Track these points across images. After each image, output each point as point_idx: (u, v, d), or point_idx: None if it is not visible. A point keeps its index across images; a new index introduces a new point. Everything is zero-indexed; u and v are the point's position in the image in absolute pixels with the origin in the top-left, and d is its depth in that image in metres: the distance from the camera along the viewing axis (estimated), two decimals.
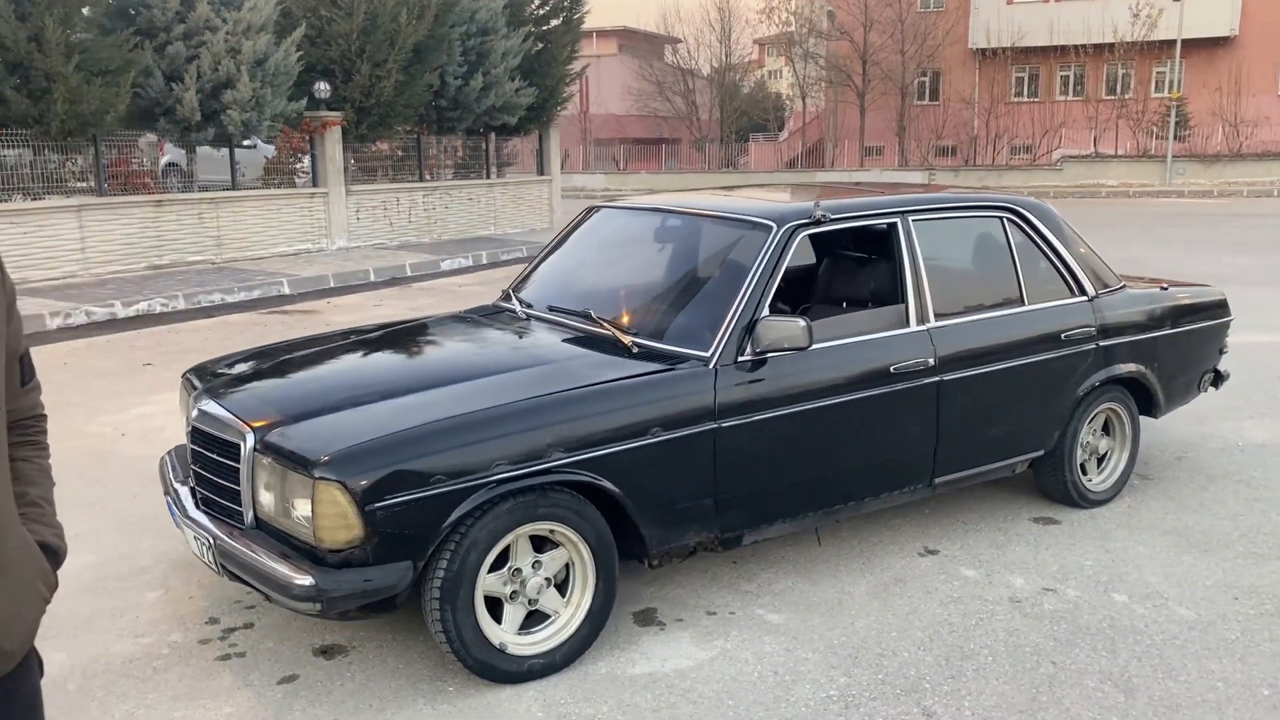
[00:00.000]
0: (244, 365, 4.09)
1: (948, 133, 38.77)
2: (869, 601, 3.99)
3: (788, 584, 4.15)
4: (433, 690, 3.35)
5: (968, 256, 4.71)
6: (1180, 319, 5.16)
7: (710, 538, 3.81)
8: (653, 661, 3.53)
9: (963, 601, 3.99)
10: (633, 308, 4.20)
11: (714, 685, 3.37)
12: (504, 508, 3.24)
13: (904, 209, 4.34)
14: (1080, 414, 4.78)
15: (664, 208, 4.56)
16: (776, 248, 3.95)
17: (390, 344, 4.20)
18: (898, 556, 4.41)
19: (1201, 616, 3.86)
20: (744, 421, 3.72)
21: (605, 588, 3.49)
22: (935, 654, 3.58)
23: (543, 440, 3.31)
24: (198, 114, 13.20)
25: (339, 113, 15.52)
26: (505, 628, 3.36)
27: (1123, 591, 4.07)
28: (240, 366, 4.08)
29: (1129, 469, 5.10)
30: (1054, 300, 4.70)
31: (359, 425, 3.26)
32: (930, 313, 4.27)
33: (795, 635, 3.72)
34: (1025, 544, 4.54)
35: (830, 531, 4.64)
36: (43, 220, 11.98)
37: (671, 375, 3.64)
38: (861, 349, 4.07)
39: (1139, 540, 4.58)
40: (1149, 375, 5.00)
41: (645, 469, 3.51)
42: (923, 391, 4.18)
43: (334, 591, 3.05)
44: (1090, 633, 3.73)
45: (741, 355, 3.76)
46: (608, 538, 3.47)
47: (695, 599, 4.01)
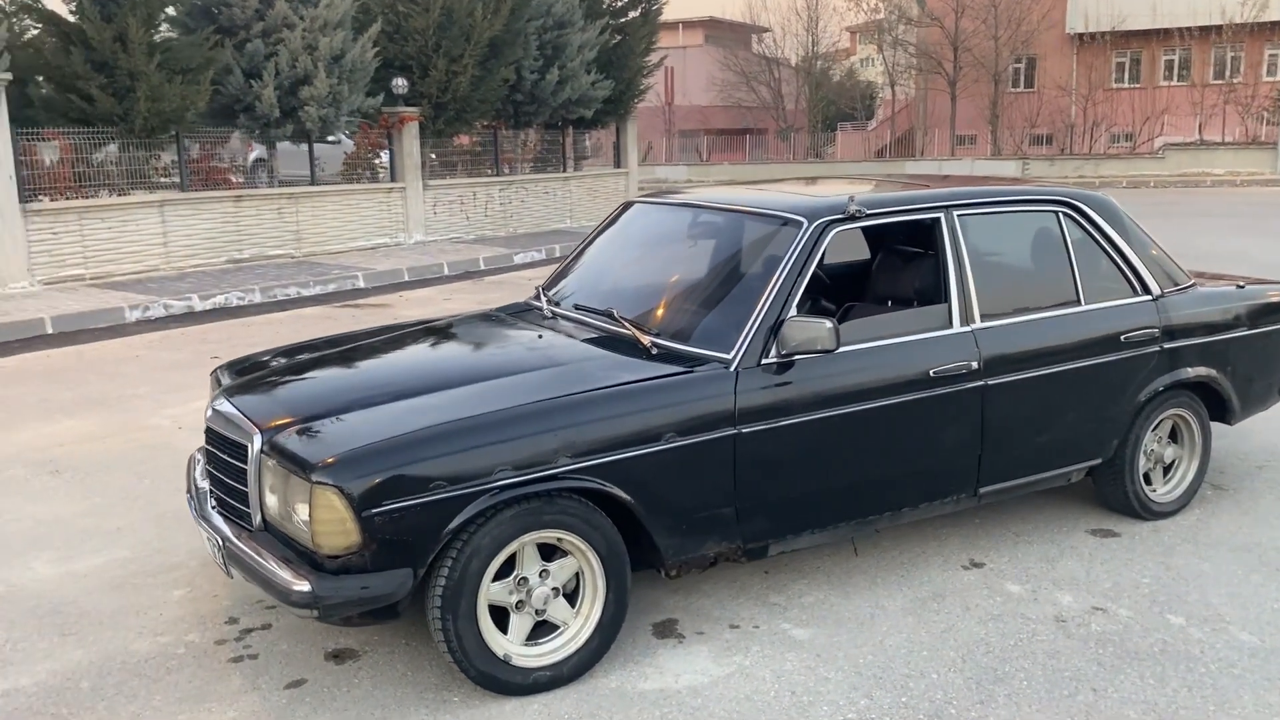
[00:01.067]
0: (269, 363, 4.06)
1: (1042, 121, 37.62)
2: (903, 618, 3.80)
3: (819, 596, 3.97)
4: (437, 700, 3.27)
5: (1019, 253, 4.46)
6: (1258, 319, 4.83)
7: (732, 548, 3.65)
8: (666, 677, 3.40)
9: (1004, 620, 3.78)
10: (657, 307, 4.05)
11: (726, 704, 3.22)
12: (508, 515, 3.14)
13: (948, 203, 4.12)
14: (1143, 420, 4.50)
15: (696, 203, 4.41)
16: (807, 245, 3.77)
17: (412, 343, 4.13)
18: (940, 569, 4.20)
19: (1265, 643, 3.58)
20: (768, 427, 3.55)
21: (616, 599, 3.37)
22: (967, 676, 3.38)
23: (549, 445, 3.19)
24: (276, 110, 13.41)
25: (416, 108, 15.63)
26: (511, 638, 3.26)
27: (1180, 613, 3.81)
28: (265, 365, 4.05)
29: (1198, 479, 4.79)
30: (1114, 300, 4.42)
31: (362, 428, 3.19)
32: (976, 313, 4.05)
33: (820, 652, 3.55)
34: (1079, 558, 4.29)
35: (870, 542, 4.44)
36: (126, 215, 12.29)
37: (688, 378, 3.49)
38: (897, 351, 3.87)
39: (1204, 557, 4.29)
40: (1221, 379, 4.69)
41: (659, 476, 3.38)
42: (966, 396, 3.96)
43: (331, 598, 2.99)
44: (1139, 657, 3.49)
45: (766, 357, 3.60)
46: (619, 547, 3.35)
47: (720, 610, 3.86)
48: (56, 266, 11.67)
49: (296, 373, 3.85)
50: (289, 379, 3.80)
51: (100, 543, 4.60)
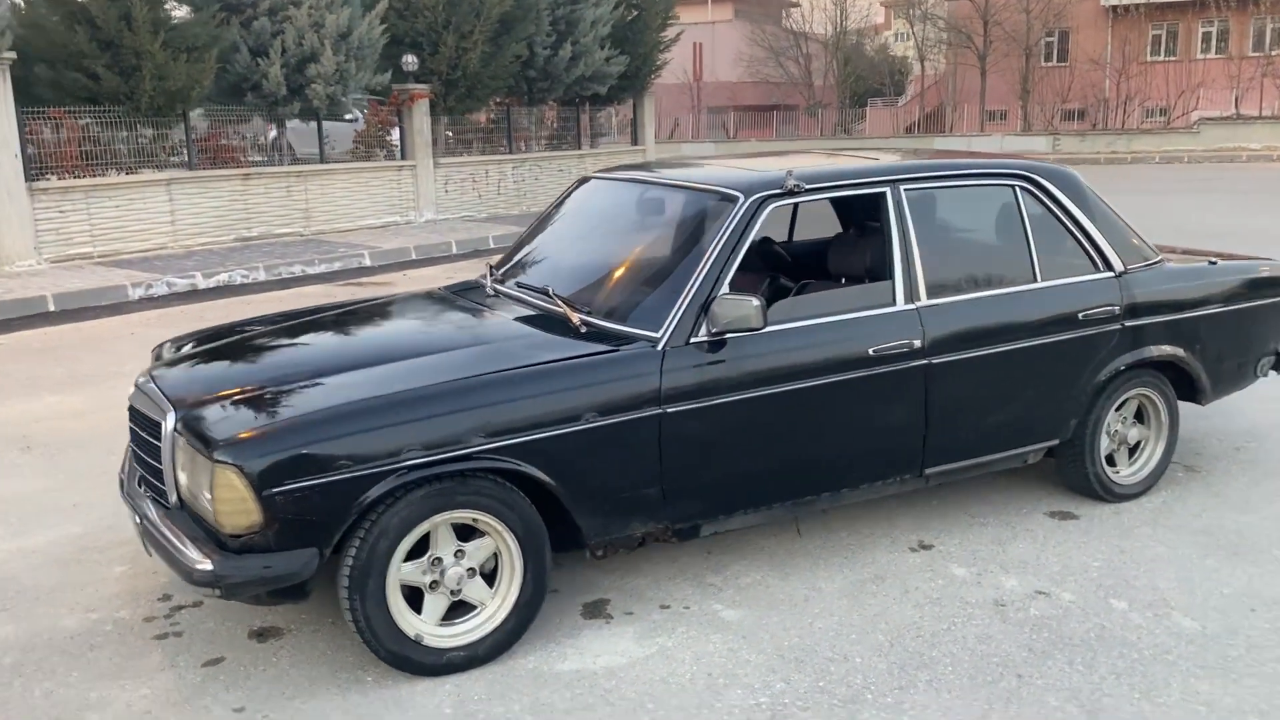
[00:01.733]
0: (204, 342, 4.05)
1: (1074, 95, 36.99)
2: (837, 600, 3.73)
3: (757, 578, 3.92)
4: (350, 680, 3.25)
5: (972, 229, 4.36)
6: (1230, 297, 4.69)
7: (660, 528, 3.60)
8: (585, 658, 3.36)
9: (941, 603, 3.70)
10: (594, 285, 3.99)
11: (639, 686, 3.18)
12: (418, 495, 3.10)
13: (894, 178, 4.02)
14: (1104, 400, 4.39)
15: (643, 179, 4.34)
16: (741, 221, 3.69)
17: (347, 322, 4.09)
18: (887, 551, 4.13)
19: (1206, 629, 3.49)
20: (696, 406, 3.49)
21: (535, 580, 3.33)
22: (891, 661, 3.32)
23: (461, 425, 3.15)
24: (283, 88, 13.43)
25: (426, 85, 15.59)
26: (425, 618, 3.23)
27: (1124, 598, 3.72)
28: (201, 343, 4.04)
29: (1165, 460, 4.67)
30: (1074, 277, 4.30)
31: (270, 408, 3.17)
32: (921, 291, 3.95)
33: (746, 634, 3.49)
34: (1031, 541, 4.20)
35: (820, 522, 4.38)
36: (133, 193, 12.36)
37: (610, 358, 3.44)
38: (834, 329, 3.79)
39: (1162, 540, 4.19)
40: (1188, 358, 4.56)
41: (580, 456, 3.33)
42: (908, 375, 3.87)
43: (233, 577, 2.97)
44: (1072, 643, 3.41)
45: (696, 336, 3.53)
46: (538, 527, 3.30)
47: (654, 591, 3.81)
48: (64, 245, 11.77)
49: (226, 351, 3.84)
50: (216, 357, 3.78)
51: (56, 519, 4.62)
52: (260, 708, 3.11)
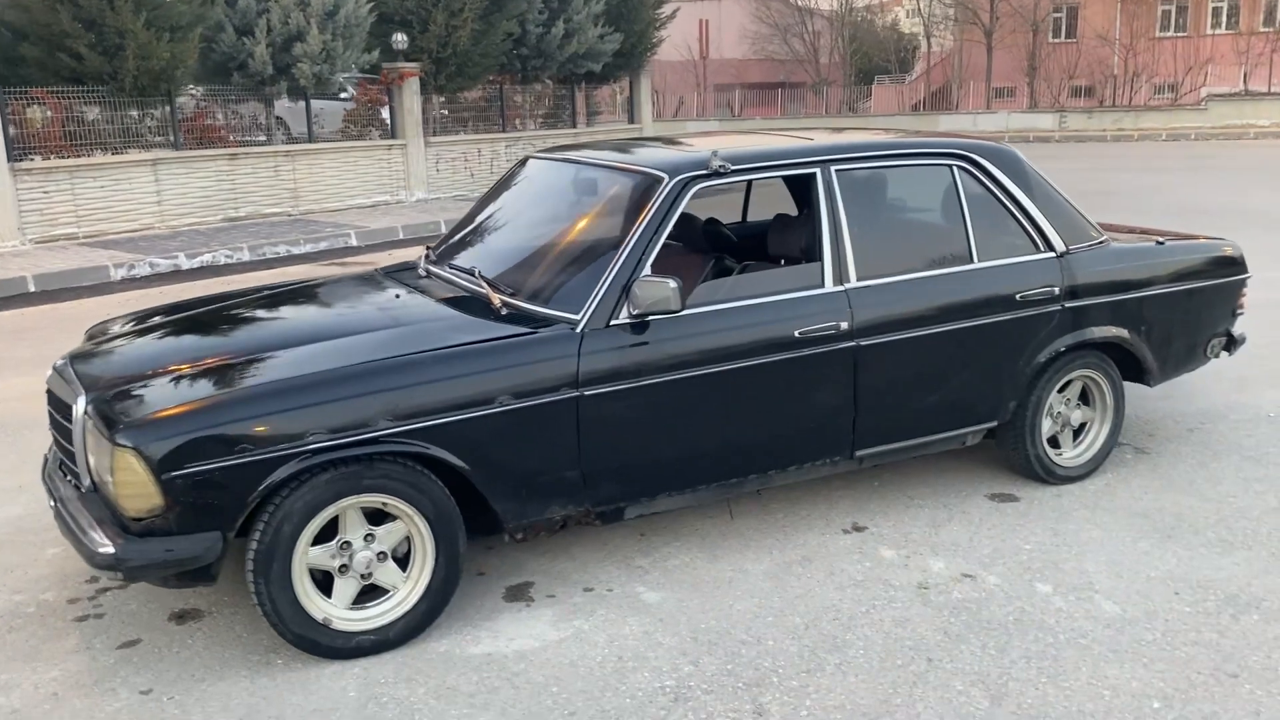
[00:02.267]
0: (131, 325, 4.04)
1: (1081, 72, 36.69)
2: (761, 582, 3.72)
3: (685, 560, 3.91)
4: (261, 662, 3.25)
5: (908, 209, 4.32)
6: (1177, 277, 4.64)
7: (581, 511, 3.60)
8: (499, 641, 3.36)
9: (865, 585, 3.69)
10: (521, 266, 3.97)
11: (546, 670, 3.18)
12: (323, 479, 3.10)
13: (826, 157, 3.98)
14: (1045, 382, 4.35)
15: (577, 159, 4.30)
16: (665, 202, 3.66)
17: (272, 305, 4.08)
18: (820, 533, 4.11)
19: (1126, 613, 3.47)
20: (615, 389, 3.47)
21: (448, 564, 3.32)
22: (803, 644, 3.31)
23: (367, 409, 3.14)
24: (269, 68, 13.39)
25: (416, 64, 15.54)
26: (335, 602, 3.23)
27: (1050, 581, 3.70)
28: (126, 326, 4.03)
29: (1110, 442, 4.64)
30: (1012, 257, 4.26)
31: (175, 391, 3.16)
32: (851, 272, 3.92)
33: (663, 617, 3.49)
34: (967, 523, 4.17)
35: (758, 504, 4.36)
36: (119, 174, 12.37)
37: (525, 340, 3.42)
38: (759, 311, 3.76)
39: (1099, 523, 4.16)
40: (1133, 340, 4.52)
41: (493, 440, 3.32)
42: (836, 357, 3.84)
43: (133, 561, 2.98)
44: (989, 627, 3.39)
45: (616, 319, 3.51)
46: (450, 511, 3.29)
47: (580, 573, 3.81)
48: (48, 225, 11.79)
49: (146, 335, 3.83)
50: (133, 340, 3.78)
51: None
52: (168, 690, 3.12)
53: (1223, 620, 3.41)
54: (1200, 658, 3.19)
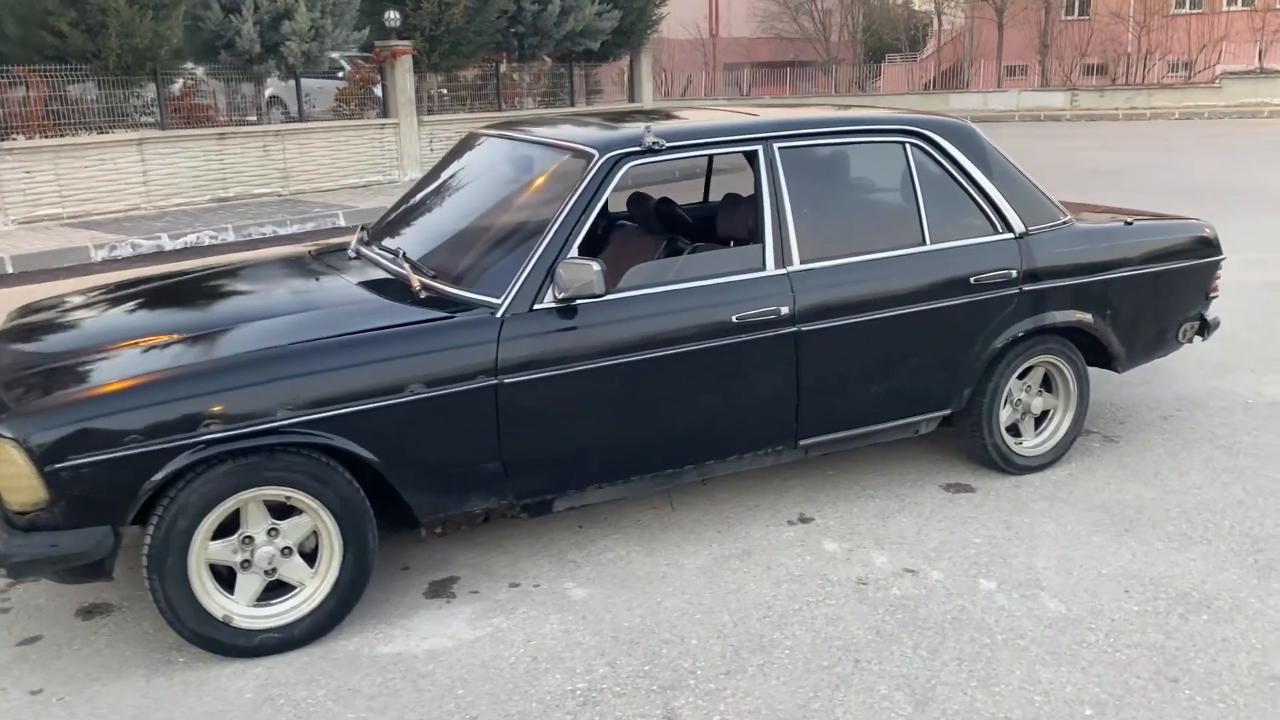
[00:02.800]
0: (47, 311, 3.91)
1: (1094, 50, 36.16)
2: (695, 578, 3.58)
3: (621, 553, 3.76)
4: (162, 661, 3.13)
5: (857, 189, 4.14)
6: (1144, 259, 4.46)
7: (504, 504, 3.45)
8: (411, 640, 3.22)
9: (802, 581, 3.54)
10: (450, 247, 3.82)
11: (455, 671, 3.04)
12: (219, 471, 2.96)
13: (768, 134, 3.81)
14: (1003, 368, 4.19)
15: (514, 136, 4.14)
16: (594, 180, 3.50)
17: (186, 289, 3.94)
18: (764, 525, 3.96)
19: (1070, 612, 3.31)
20: (538, 377, 3.32)
21: (357, 559, 3.19)
22: (728, 643, 3.16)
23: (266, 398, 3.00)
24: (257, 45, 13.24)
25: (409, 42, 15.35)
26: (238, 598, 3.10)
27: (995, 577, 3.54)
28: (45, 311, 3.90)
29: (1074, 431, 4.47)
30: (967, 239, 4.09)
31: (64, 380, 3.03)
32: (794, 255, 3.75)
33: (586, 615, 3.35)
34: (917, 515, 4.02)
35: (705, 494, 4.21)
36: (104, 154, 12.25)
37: (439, 326, 3.27)
38: (695, 295, 3.61)
39: (1055, 515, 4.00)
40: (1098, 324, 4.34)
41: (404, 430, 3.17)
42: (776, 344, 3.68)
43: (16, 556, 2.85)
44: (924, 626, 3.24)
45: (540, 302, 3.36)
46: (357, 504, 3.16)
47: (509, 568, 3.67)
48: (31, 205, 11.69)
49: (54, 319, 3.70)
50: (39, 327, 3.65)
51: None
52: (59, 690, 3.00)
53: (1171, 620, 3.25)
54: (1142, 661, 3.04)
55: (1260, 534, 3.80)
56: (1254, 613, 3.27)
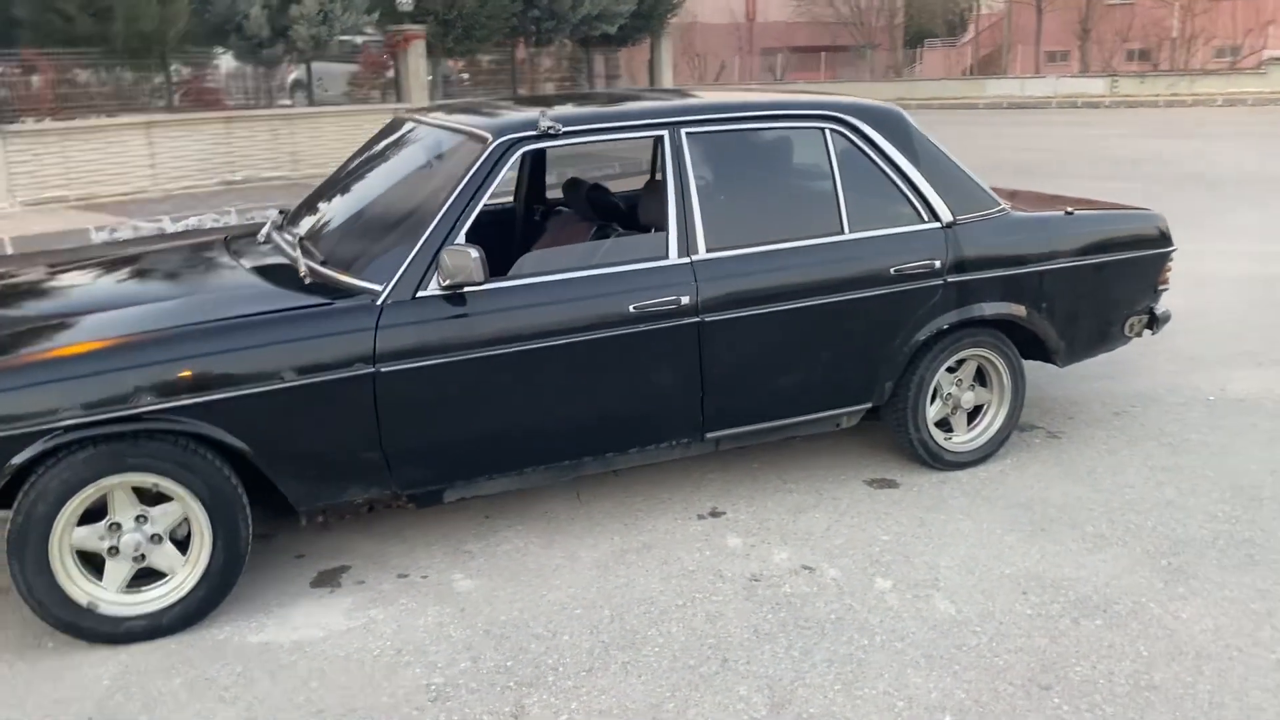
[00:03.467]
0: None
1: (1136, 35, 35.46)
2: (587, 571, 3.52)
3: (519, 545, 3.71)
4: (32, 646, 3.12)
5: (771, 176, 4.03)
6: (1084, 251, 4.32)
7: (387, 495, 3.41)
8: (283, 630, 3.19)
9: (693, 577, 3.46)
10: (345, 232, 3.78)
11: (317, 663, 3.01)
12: (80, 457, 2.94)
13: (674, 119, 3.72)
14: (928, 362, 4.07)
15: (424, 119, 4.08)
16: (485, 166, 3.44)
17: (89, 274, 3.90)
18: (673, 518, 3.89)
19: (960, 614, 3.21)
20: (419, 366, 3.27)
21: (227, 547, 3.15)
22: (600, 640, 3.10)
23: (129, 383, 2.97)
24: (266, 29, 13.28)
25: (422, 26, 15.33)
26: (106, 585, 3.09)
27: (893, 576, 3.44)
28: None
29: (1008, 426, 4.34)
30: (889, 228, 3.97)
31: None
32: (699, 243, 3.66)
33: (465, 607, 3.30)
34: (831, 510, 3.92)
35: (621, 486, 4.15)
36: (111, 137, 12.36)
37: (313, 313, 3.23)
38: (592, 284, 3.53)
39: (973, 513, 3.89)
40: (1032, 317, 4.21)
41: (276, 419, 3.13)
42: (676, 334, 3.60)
43: None
44: (805, 626, 3.16)
45: (424, 289, 3.31)
46: (227, 492, 3.12)
47: (403, 558, 3.63)
48: (38, 188, 11.82)
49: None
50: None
51: None
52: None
53: (1062, 625, 3.14)
54: (1018, 666, 2.93)
55: (1181, 536, 3.67)
56: (1150, 619, 3.15)
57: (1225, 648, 2.99)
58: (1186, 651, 2.98)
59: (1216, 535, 3.67)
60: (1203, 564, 3.47)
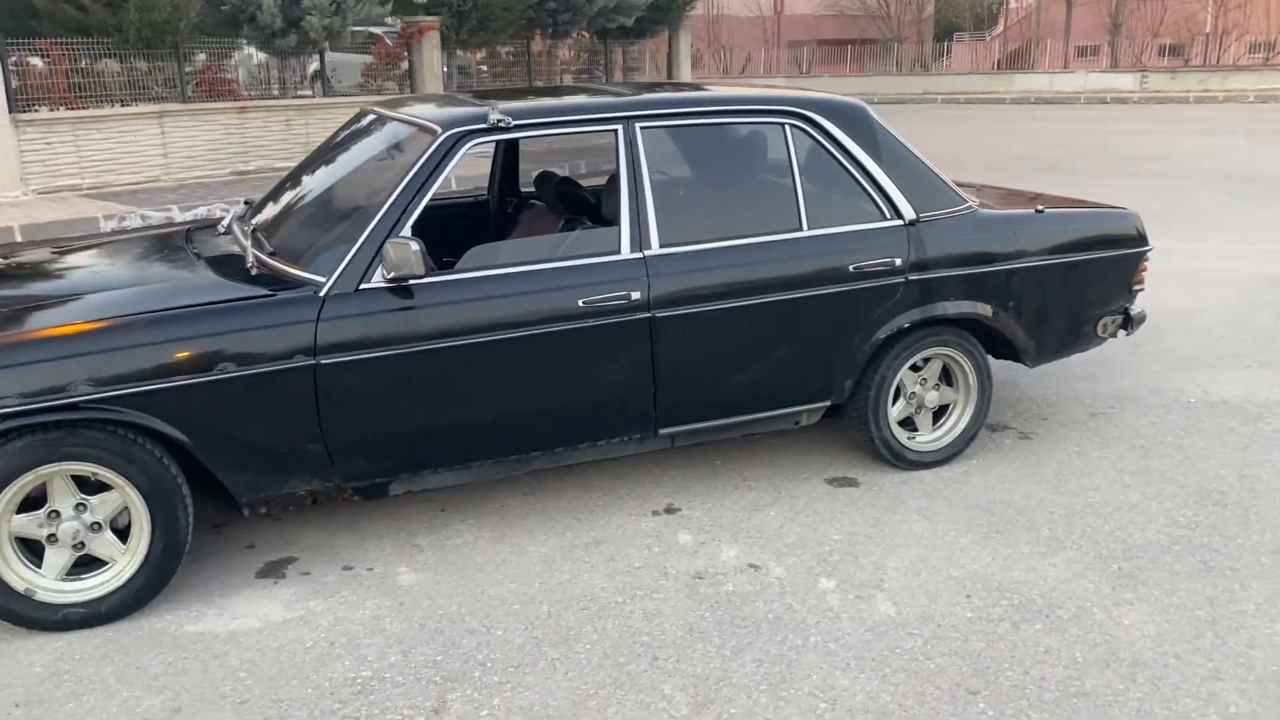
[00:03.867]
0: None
1: (1168, 30, 34.97)
2: (533, 566, 3.51)
3: (469, 538, 3.71)
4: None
5: (729, 172, 4.00)
6: (1054, 250, 4.26)
7: (330, 487, 3.42)
8: (222, 619, 3.21)
9: (638, 574, 3.45)
10: (297, 224, 3.79)
11: (250, 653, 3.02)
12: (16, 445, 2.96)
13: (629, 114, 3.69)
14: (890, 360, 4.03)
15: (382, 111, 4.08)
16: (433, 158, 3.44)
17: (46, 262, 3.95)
18: (627, 514, 3.88)
19: (899, 616, 3.18)
20: (361, 358, 3.27)
21: (166, 536, 3.17)
22: (533, 636, 3.09)
23: (65, 373, 2.98)
24: (278, 20, 13.32)
25: (436, 17, 15.35)
26: (45, 572, 3.11)
27: (838, 576, 3.41)
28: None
29: (974, 426, 4.29)
30: (849, 225, 3.93)
31: None
32: (652, 238, 3.64)
33: (405, 601, 3.30)
34: (788, 508, 3.90)
35: (580, 480, 4.14)
36: (123, 126, 12.45)
37: (253, 304, 3.23)
38: (541, 278, 3.52)
39: (931, 513, 3.85)
40: (999, 317, 4.16)
41: (216, 409, 3.14)
42: (628, 330, 3.58)
43: None
44: (741, 625, 3.13)
45: (368, 282, 3.31)
46: (166, 482, 3.13)
47: (352, 550, 3.64)
48: (51, 176, 11.93)
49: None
50: None
51: None
52: None
53: (1001, 629, 3.10)
54: (949, 670, 2.90)
55: (1137, 541, 3.61)
56: (1092, 624, 3.11)
57: (1162, 655, 2.95)
58: (1123, 658, 2.94)
59: (1174, 540, 3.62)
60: (1155, 570, 3.42)
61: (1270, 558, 3.48)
